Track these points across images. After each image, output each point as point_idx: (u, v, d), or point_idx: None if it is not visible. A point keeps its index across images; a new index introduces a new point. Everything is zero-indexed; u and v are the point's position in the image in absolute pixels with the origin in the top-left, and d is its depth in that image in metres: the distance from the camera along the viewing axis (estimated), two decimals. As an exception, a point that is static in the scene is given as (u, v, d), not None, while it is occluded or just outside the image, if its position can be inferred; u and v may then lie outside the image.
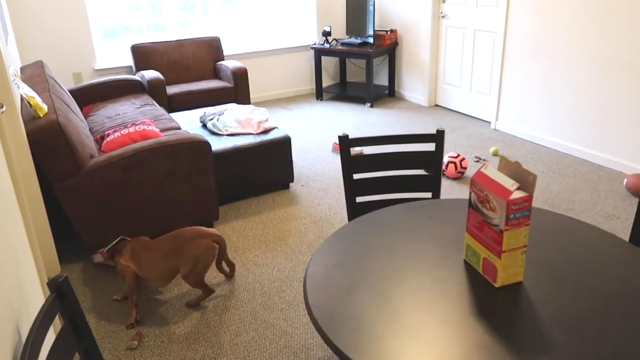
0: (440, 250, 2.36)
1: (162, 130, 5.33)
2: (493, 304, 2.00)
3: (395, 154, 3.34)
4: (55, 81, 5.41)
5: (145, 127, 4.92)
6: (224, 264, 4.37)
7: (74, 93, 6.55)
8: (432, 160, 3.33)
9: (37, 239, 4.14)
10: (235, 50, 8.77)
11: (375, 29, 9.07)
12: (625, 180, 5.41)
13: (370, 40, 8.57)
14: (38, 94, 4.61)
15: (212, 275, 4.27)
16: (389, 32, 8.69)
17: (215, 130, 5.64)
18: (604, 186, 5.52)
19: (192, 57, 8.03)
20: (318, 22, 9.32)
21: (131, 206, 4.41)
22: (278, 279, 4.20)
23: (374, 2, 8.29)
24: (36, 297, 2.92)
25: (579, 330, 1.86)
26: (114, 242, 3.99)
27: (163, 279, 3.83)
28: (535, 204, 5.19)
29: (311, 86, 9.60)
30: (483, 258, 2.13)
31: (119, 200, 4.35)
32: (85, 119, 6.03)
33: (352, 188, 3.39)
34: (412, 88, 8.82)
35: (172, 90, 7.42)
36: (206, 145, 4.55)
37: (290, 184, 5.83)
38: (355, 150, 6.36)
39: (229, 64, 7.79)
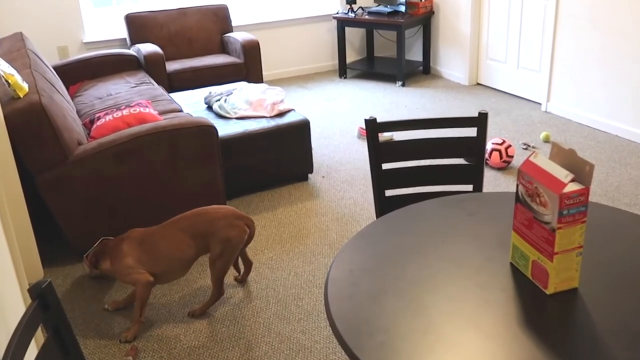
0: (483, 252, 2.36)
1: (160, 113, 5.35)
2: (544, 314, 2.00)
3: (431, 140, 3.34)
4: (37, 56, 5.44)
5: (142, 109, 4.94)
6: (239, 262, 4.39)
7: (59, 70, 6.59)
8: (473, 148, 3.33)
9: (17, 240, 4.17)
10: (245, 21, 8.79)
11: (408, -5, 9.07)
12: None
13: (402, 8, 8.56)
14: (17, 71, 4.64)
15: (219, 281, 4.29)
16: (423, 0, 8.68)
17: (223, 113, 5.66)
18: (674, 178, 5.49)
19: (196, 29, 8.05)
20: (341, -13, 9.33)
21: (125, 201, 4.43)
22: (295, 285, 4.22)
23: (406, -37, 8.28)
24: (16, 306, 2.95)
25: (644, 344, 1.86)
26: (94, 246, 3.97)
27: (186, 266, 3.84)
28: (593, 197, 5.17)
29: (333, 62, 9.61)
30: (532, 261, 2.13)
31: (111, 194, 4.37)
32: (72, 99, 6.07)
33: (380, 180, 3.40)
34: (450, 64, 8.81)
35: (172, 66, 7.44)
36: (212, 130, 4.57)
37: (309, 175, 5.85)
38: (384, 136, 6.35)
39: (238, 36, 7.81)
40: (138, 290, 3.74)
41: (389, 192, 4.96)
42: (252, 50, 7.62)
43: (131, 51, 7.15)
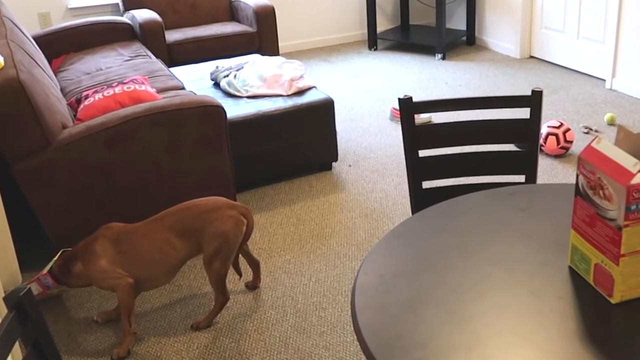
0: (537, 254, 2.36)
1: (159, 91, 5.37)
2: (608, 326, 2.00)
3: (476, 122, 3.34)
4: (14, 24, 5.47)
5: (137, 86, 4.96)
6: (240, 260, 4.40)
7: (40, 40, 6.62)
8: (526, 132, 3.33)
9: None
10: (257, -17, 8.80)
11: (449, -49, 9.05)
12: None
13: (442, -33, 8.56)
14: (-6, 43, 4.67)
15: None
16: (467, -44, 8.66)
17: (232, 91, 5.68)
18: None
19: (200, -8, 8.08)
20: (370, -58, 9.32)
21: (117, 194, 4.45)
22: (317, 293, 4.24)
23: None
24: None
25: None
26: (54, 259, 3.91)
27: (171, 272, 3.82)
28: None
29: (361, 31, 9.61)
30: (595, 264, 2.13)
31: (101, 185, 4.39)
32: (55, 75, 6.10)
33: (416, 169, 3.40)
34: (498, 34, 8.78)
35: (173, 36, 7.47)
36: (219, 111, 4.58)
37: (334, 163, 5.86)
38: (421, 118, 6.35)
39: (249, 0, 7.82)
40: (119, 296, 3.71)
41: (426, 184, 4.96)
42: (266, 18, 7.63)
43: (124, 18, 7.18)
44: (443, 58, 8.57)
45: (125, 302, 3.71)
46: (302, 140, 5.48)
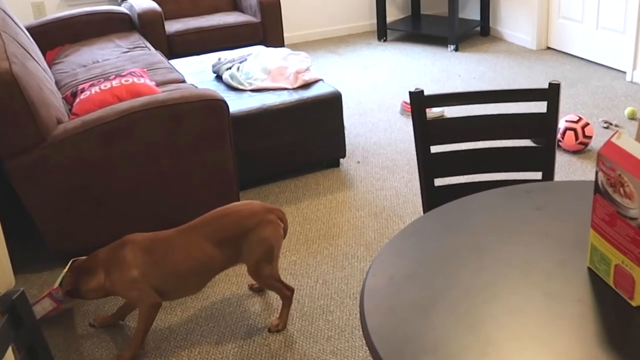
0: (554, 254, 2.36)
1: (158, 85, 5.37)
2: (629, 330, 2.00)
3: (491, 117, 3.34)
4: (6, 14, 5.47)
5: (135, 79, 4.96)
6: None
7: (34, 31, 6.62)
8: (543, 126, 3.32)
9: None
10: (261, -29, 8.79)
11: (462, -63, 9.04)
12: None
13: (455, -46, 8.55)
14: (-14, 34, 4.67)
15: (229, 283, 4.32)
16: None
17: (235, 84, 5.68)
18: None
19: (201, -19, 8.07)
20: None
21: (114, 192, 4.45)
22: (324, 295, 4.24)
23: None
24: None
25: None
26: (64, 271, 3.85)
27: (204, 282, 3.80)
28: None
29: (370, 21, 9.60)
30: (615, 265, 2.13)
31: (98, 183, 4.39)
32: (50, 68, 6.11)
33: (428, 166, 3.40)
34: (514, 24, 8.77)
35: (173, 27, 7.47)
36: (222, 105, 4.58)
37: (341, 160, 5.86)
38: (433, 112, 6.35)
39: (252, -11, 7.82)
40: (143, 312, 3.65)
41: (438, 181, 4.96)
42: (271, 7, 7.62)
43: (122, 8, 7.18)
44: (456, 49, 8.57)
45: (147, 319, 3.66)
46: (308, 135, 5.48)
